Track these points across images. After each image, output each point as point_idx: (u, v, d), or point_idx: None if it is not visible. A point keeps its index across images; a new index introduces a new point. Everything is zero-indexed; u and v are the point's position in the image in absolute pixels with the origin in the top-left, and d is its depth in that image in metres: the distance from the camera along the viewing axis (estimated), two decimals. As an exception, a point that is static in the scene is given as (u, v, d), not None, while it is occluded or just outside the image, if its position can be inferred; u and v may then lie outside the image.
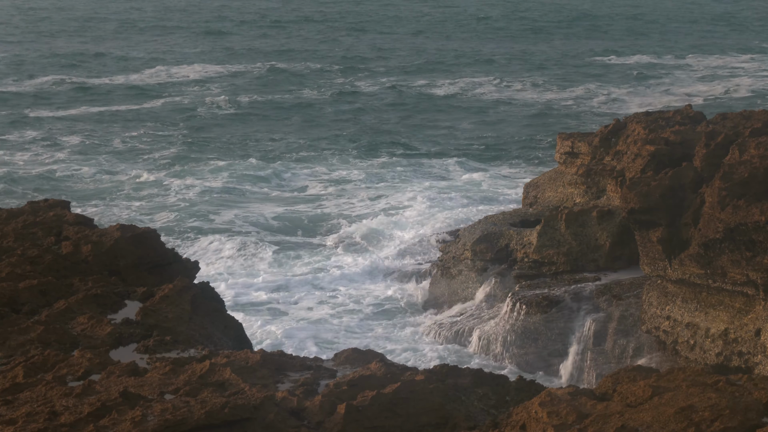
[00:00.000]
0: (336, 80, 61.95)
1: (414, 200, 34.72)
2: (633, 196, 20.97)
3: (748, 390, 9.22)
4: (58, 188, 36.85)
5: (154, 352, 11.50)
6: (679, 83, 60.35)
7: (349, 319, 25.18)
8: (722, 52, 74.33)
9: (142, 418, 9.00)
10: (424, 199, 34.75)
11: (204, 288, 13.91)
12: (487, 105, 53.74)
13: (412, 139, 45.31)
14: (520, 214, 28.15)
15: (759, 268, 18.87)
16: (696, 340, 20.26)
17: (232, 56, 72.05)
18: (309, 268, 28.59)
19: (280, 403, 9.78)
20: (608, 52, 73.64)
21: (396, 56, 71.50)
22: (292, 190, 37.11)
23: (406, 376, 10.21)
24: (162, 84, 60.50)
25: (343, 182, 38.10)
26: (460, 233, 28.05)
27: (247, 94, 56.10)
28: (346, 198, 35.90)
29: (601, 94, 56.75)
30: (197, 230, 32.06)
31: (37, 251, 14.20)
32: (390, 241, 30.25)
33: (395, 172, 39.36)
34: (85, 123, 49.19)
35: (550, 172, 29.38)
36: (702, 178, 20.76)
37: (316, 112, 52.11)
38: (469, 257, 26.64)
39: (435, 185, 36.93)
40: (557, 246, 25.10)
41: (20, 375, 10.34)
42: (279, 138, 45.80)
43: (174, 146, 43.94)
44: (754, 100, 53.62)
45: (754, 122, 22.32)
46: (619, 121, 26.66)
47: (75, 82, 60.39)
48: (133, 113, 51.50)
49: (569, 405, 9.22)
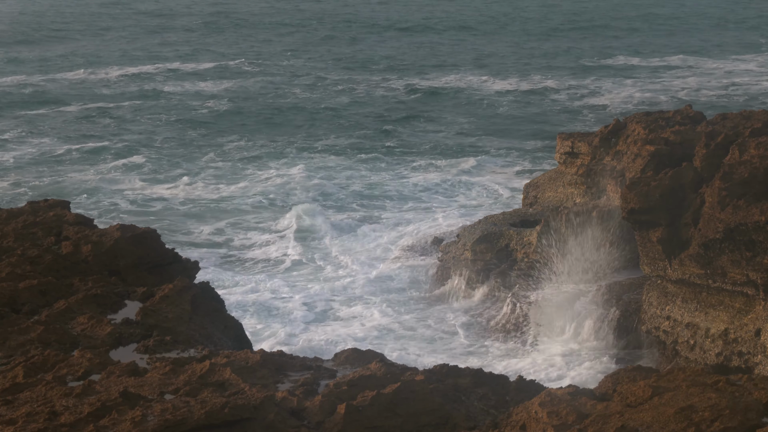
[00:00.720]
0: (333, 78, 61.98)
1: (414, 199, 34.72)
2: (633, 196, 20.98)
3: (748, 390, 9.22)
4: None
5: (154, 352, 11.50)
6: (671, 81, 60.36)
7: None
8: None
9: (142, 418, 9.00)
10: (424, 198, 34.75)
11: (204, 288, 13.91)
12: (487, 104, 53.76)
13: (411, 137, 45.33)
14: (520, 214, 28.16)
15: (759, 268, 18.88)
16: (696, 340, 20.27)
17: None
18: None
19: (280, 403, 9.78)
20: (628, 52, 73.45)
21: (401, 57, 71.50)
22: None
23: (406, 376, 10.21)
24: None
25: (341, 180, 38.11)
26: (460, 233, 28.06)
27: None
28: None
29: (605, 92, 56.73)
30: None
31: (37, 251, 14.20)
32: (389, 241, 30.24)
33: (395, 171, 39.35)
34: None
35: (550, 172, 29.39)
36: (702, 178, 20.76)
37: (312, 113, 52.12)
38: (469, 257, 26.65)
39: (434, 184, 36.92)
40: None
41: (20, 375, 10.34)
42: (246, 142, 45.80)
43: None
44: (754, 100, 53.64)
45: (754, 122, 22.32)
46: (619, 121, 26.65)
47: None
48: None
49: (569, 405, 9.23)
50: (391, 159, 41.65)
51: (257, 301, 26.28)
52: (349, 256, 29.58)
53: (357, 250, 30.12)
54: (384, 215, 33.25)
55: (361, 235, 31.29)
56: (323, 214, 32.35)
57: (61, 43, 78.78)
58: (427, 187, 36.48)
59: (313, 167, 39.96)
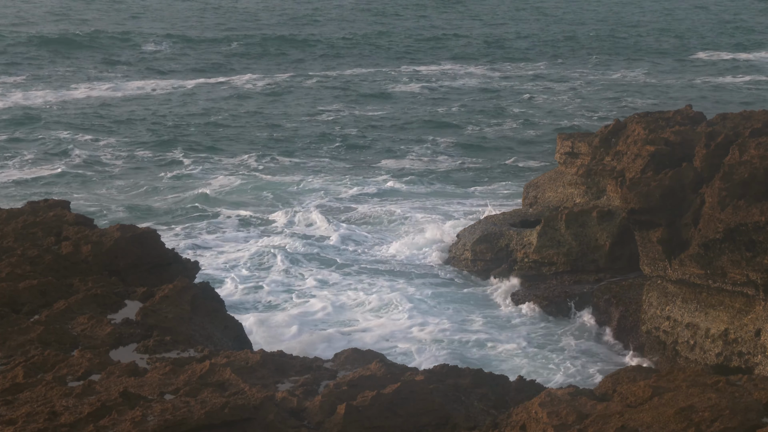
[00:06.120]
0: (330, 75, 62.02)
1: (412, 200, 34.71)
2: (633, 196, 21.00)
3: (748, 390, 9.23)
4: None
5: (154, 352, 11.51)
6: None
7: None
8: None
9: (142, 418, 9.01)
10: (423, 198, 34.75)
11: (204, 288, 13.94)
12: (486, 103, 53.76)
13: (409, 135, 45.33)
14: (520, 215, 28.17)
15: (759, 268, 18.89)
16: (696, 341, 20.27)
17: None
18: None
19: (280, 403, 9.79)
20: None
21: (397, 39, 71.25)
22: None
23: (406, 376, 10.22)
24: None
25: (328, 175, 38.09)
26: (460, 233, 28.07)
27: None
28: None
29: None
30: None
31: (37, 251, 14.22)
32: (390, 241, 30.22)
33: (391, 170, 39.33)
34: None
35: (550, 172, 29.40)
36: (702, 179, 20.78)
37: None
38: (469, 257, 26.66)
39: (434, 184, 36.91)
40: (557, 246, 25.13)
41: (20, 375, 10.35)
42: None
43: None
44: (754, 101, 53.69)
45: (754, 122, 22.34)
46: (619, 121, 26.67)
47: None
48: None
49: (569, 405, 9.23)
50: (385, 155, 41.65)
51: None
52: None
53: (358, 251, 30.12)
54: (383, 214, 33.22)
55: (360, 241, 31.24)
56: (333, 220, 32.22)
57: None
58: (425, 186, 36.46)
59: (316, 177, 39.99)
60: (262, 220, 31.78)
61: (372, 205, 33.75)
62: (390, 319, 23.55)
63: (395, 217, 32.16)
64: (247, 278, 26.29)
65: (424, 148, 42.76)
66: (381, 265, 27.61)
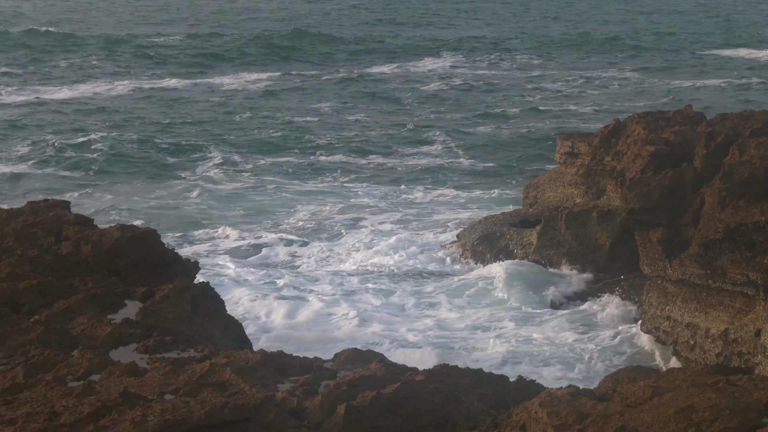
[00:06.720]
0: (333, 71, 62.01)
1: (412, 200, 34.73)
2: (633, 196, 21.00)
3: (748, 390, 9.23)
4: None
5: (154, 352, 11.51)
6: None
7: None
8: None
9: (142, 418, 9.01)
10: (421, 198, 34.76)
11: (204, 288, 13.93)
12: (486, 103, 53.77)
13: (408, 136, 45.34)
14: (520, 215, 28.17)
15: (759, 268, 18.89)
16: (696, 341, 20.27)
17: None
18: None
19: (280, 403, 9.79)
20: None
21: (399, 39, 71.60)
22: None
23: (406, 376, 10.22)
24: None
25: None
26: (459, 233, 28.07)
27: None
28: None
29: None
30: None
31: (37, 251, 14.22)
32: (389, 241, 30.21)
33: (391, 169, 39.35)
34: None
35: (550, 172, 29.40)
36: (702, 179, 20.78)
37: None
38: (470, 257, 26.66)
39: (433, 184, 36.92)
40: (557, 246, 25.13)
41: (20, 375, 10.35)
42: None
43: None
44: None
45: (754, 122, 22.33)
46: (619, 121, 26.67)
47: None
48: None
49: (569, 405, 9.23)
50: (382, 155, 41.67)
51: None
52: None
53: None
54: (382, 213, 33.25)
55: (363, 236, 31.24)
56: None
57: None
58: (423, 186, 36.46)
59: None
60: (262, 222, 31.79)
61: (371, 205, 33.76)
62: (390, 318, 23.56)
63: (395, 217, 32.17)
64: (249, 278, 26.34)
65: (424, 149, 42.78)
66: (381, 265, 27.60)
